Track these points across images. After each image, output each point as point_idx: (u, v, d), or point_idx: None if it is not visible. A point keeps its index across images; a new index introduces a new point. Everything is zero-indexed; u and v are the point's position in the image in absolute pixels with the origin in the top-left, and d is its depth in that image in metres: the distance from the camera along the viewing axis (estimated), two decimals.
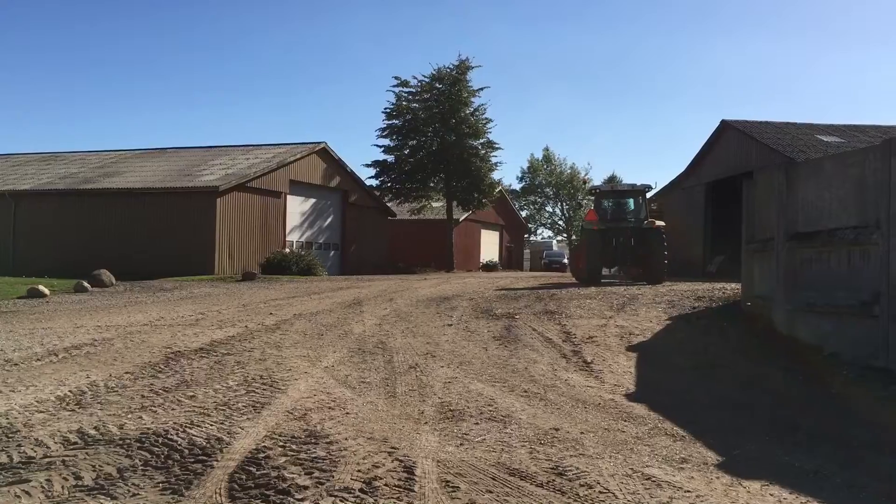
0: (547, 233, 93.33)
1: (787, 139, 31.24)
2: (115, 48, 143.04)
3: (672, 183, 39.60)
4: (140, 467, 5.19)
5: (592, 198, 25.08)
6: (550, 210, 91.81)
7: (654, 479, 5.05)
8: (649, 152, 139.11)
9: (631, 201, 23.48)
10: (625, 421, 6.75)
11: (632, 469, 5.25)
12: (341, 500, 4.58)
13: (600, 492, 4.77)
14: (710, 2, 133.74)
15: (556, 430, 6.29)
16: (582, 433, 6.23)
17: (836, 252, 9.42)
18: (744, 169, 30.24)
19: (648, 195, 24.42)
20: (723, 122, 34.14)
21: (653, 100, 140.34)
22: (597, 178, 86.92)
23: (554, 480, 4.96)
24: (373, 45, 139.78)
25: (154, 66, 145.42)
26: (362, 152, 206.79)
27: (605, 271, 23.82)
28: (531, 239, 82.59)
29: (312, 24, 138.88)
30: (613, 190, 24.98)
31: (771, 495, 4.88)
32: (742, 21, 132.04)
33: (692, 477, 5.15)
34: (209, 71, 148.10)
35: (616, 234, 22.19)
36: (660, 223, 22.90)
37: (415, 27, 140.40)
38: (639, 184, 23.75)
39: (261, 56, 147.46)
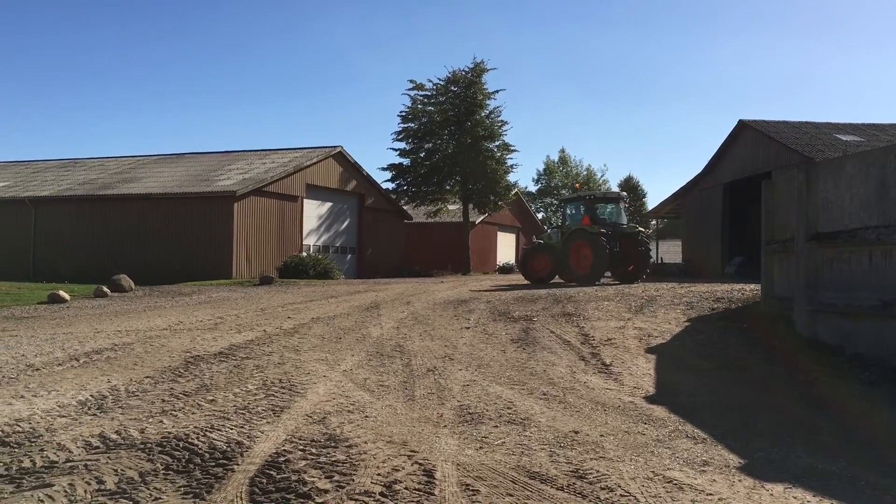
0: None
1: (805, 139, 30.99)
2: (132, 54, 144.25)
3: (689, 184, 39.39)
4: (161, 471, 5.22)
5: (561, 204, 26.83)
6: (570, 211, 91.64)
7: (675, 481, 5.02)
8: (664, 153, 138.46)
9: (617, 207, 24.95)
10: (645, 423, 6.71)
11: (653, 472, 5.22)
12: None
13: (621, 495, 4.74)
14: (722, 2, 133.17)
15: (576, 432, 6.27)
16: (602, 436, 6.20)
17: (858, 252, 9.33)
18: (762, 169, 30.02)
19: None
20: (740, 121, 33.92)
21: (667, 101, 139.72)
22: (613, 180, 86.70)
23: (574, 483, 4.94)
24: (385, 51, 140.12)
25: (170, 71, 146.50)
26: (378, 156, 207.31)
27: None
28: None
29: (327, 29, 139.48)
30: (605, 197, 25.94)
31: (794, 498, 4.83)
32: (755, 20, 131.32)
33: (714, 480, 5.12)
34: (226, 76, 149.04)
35: (611, 238, 23.32)
36: (641, 228, 25.71)
37: (426, 32, 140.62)
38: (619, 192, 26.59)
39: (277, 61, 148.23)
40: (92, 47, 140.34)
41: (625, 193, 27.06)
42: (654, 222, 59.69)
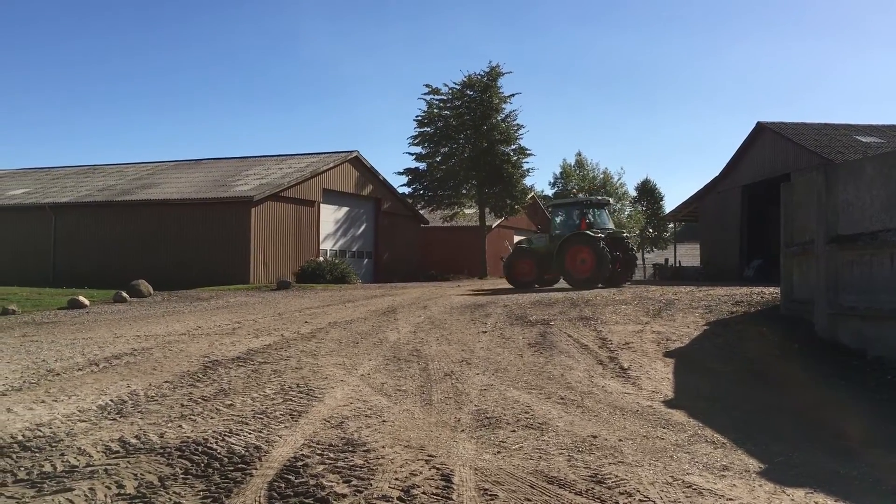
0: None
1: (824, 140, 30.74)
2: (148, 61, 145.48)
3: (707, 186, 39.17)
4: (181, 476, 5.24)
5: (550, 209, 27.60)
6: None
7: (695, 486, 4.98)
8: (682, 156, 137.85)
9: (604, 212, 25.56)
10: (664, 428, 6.67)
11: (672, 477, 5.18)
12: None
13: (640, 500, 4.71)
14: (735, 4, 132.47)
15: (594, 437, 6.24)
16: (620, 440, 6.16)
17: (879, 255, 9.23)
18: (781, 171, 29.83)
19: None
20: (758, 123, 33.68)
21: (683, 103, 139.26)
22: (629, 183, 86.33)
23: (593, 489, 4.91)
24: (399, 55, 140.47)
25: (187, 79, 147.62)
26: (394, 160, 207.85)
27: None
28: None
29: (342, 33, 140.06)
30: (598, 202, 26.40)
31: (816, 503, 4.79)
32: (768, 21, 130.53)
33: (734, 485, 5.07)
34: (243, 83, 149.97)
35: (606, 242, 23.79)
36: (626, 232, 27.88)
37: (440, 35, 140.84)
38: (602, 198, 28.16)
39: (294, 67, 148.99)
40: (110, 54, 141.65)
41: (610, 199, 30.03)
42: (671, 225, 59.39)
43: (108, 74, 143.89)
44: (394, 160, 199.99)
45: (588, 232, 23.35)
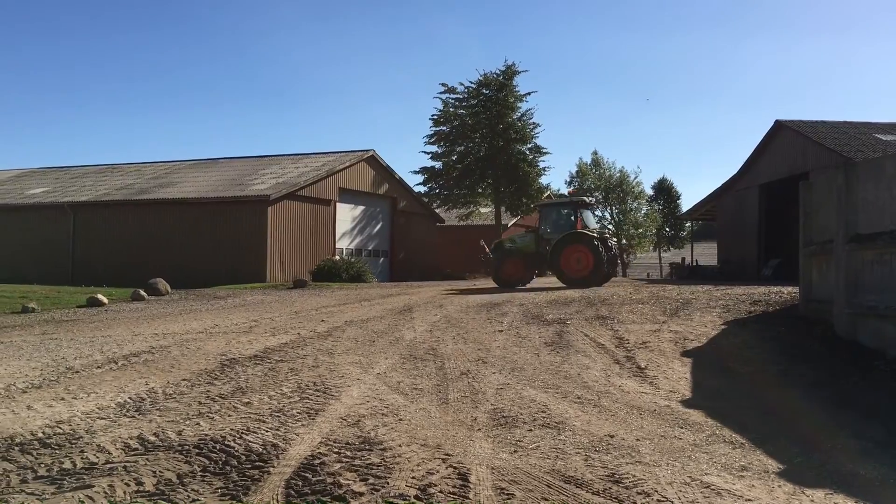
0: None
1: (843, 139, 30.42)
2: (164, 62, 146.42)
3: (725, 185, 38.92)
4: (199, 473, 5.27)
5: (540, 209, 27.32)
6: (599, 214, 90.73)
7: (713, 487, 4.96)
8: (700, 155, 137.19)
9: (589, 213, 25.91)
10: (681, 428, 6.64)
11: (690, 477, 5.16)
12: None
13: (658, 500, 4.69)
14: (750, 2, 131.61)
15: (611, 436, 6.22)
16: (638, 440, 6.14)
17: None
18: (800, 170, 29.58)
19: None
20: (777, 122, 33.40)
21: (699, 102, 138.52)
22: (646, 182, 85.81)
23: (610, 488, 4.89)
24: (412, 55, 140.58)
25: (203, 80, 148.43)
26: (410, 159, 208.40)
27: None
28: None
29: (354, 33, 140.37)
30: (590, 204, 27.11)
31: None
32: (784, 19, 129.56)
33: (753, 485, 5.04)
34: (257, 84, 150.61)
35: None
36: (608, 234, 28.16)
37: (453, 35, 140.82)
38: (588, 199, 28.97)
39: (308, 67, 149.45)
40: (124, 54, 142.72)
41: (594, 200, 33.43)
42: (688, 224, 59.08)
43: (123, 74, 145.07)
44: (410, 159, 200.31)
45: (585, 231, 23.52)
